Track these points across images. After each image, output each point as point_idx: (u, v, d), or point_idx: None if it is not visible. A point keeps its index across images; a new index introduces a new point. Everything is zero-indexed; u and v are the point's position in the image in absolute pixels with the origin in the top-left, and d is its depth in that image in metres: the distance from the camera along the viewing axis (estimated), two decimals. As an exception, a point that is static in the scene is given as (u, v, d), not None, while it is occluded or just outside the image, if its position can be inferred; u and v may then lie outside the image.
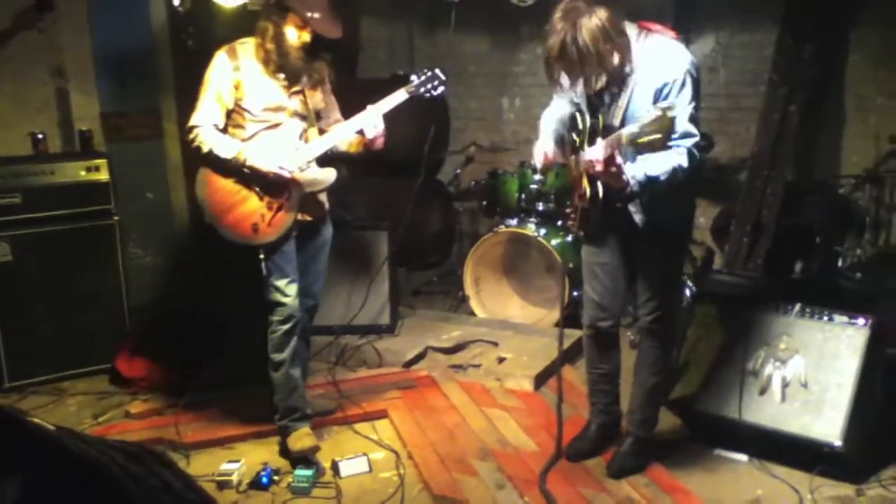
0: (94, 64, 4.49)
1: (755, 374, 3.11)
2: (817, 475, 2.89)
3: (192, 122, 2.94)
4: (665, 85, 2.54)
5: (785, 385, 3.03)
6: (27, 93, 4.18)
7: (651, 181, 2.53)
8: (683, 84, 2.54)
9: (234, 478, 2.94)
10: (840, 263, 4.11)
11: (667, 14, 4.71)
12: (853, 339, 2.98)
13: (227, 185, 2.96)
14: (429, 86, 3.06)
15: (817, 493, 2.82)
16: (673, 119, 2.26)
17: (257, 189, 2.95)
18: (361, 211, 4.81)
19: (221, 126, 2.95)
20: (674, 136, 2.37)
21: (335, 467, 3.04)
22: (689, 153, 2.54)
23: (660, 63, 2.56)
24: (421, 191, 5.25)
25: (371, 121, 2.98)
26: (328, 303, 4.09)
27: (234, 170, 2.93)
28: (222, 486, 2.94)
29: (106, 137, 4.51)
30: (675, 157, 2.52)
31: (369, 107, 3.01)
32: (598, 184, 2.70)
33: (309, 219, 3.09)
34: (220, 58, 2.96)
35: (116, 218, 4.01)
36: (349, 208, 4.79)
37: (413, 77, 3.07)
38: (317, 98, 3.10)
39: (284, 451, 3.13)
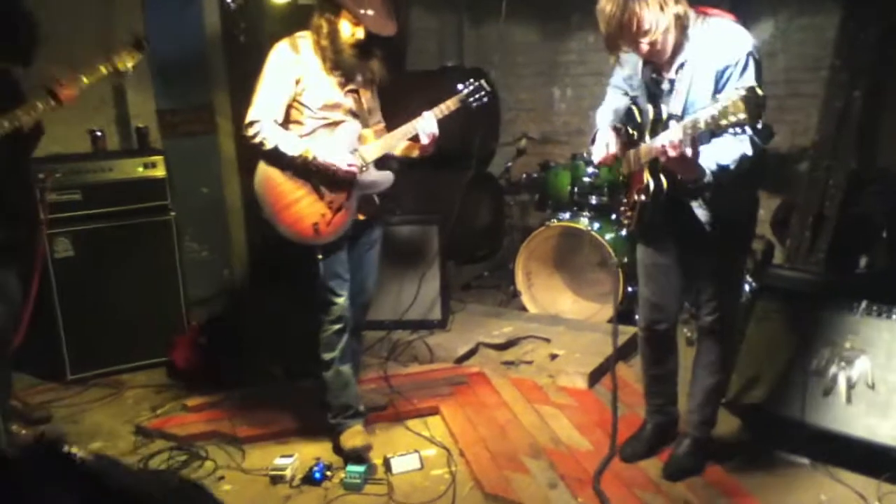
0: (149, 61, 4.55)
1: (819, 373, 3.00)
2: (885, 481, 2.77)
3: (251, 117, 2.87)
4: (727, 68, 2.42)
5: (850, 386, 2.92)
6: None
7: (722, 170, 2.41)
8: (746, 67, 2.41)
9: (288, 472, 2.97)
10: (908, 257, 3.95)
11: (723, -2, 4.58)
12: (924, 338, 2.86)
13: (287, 181, 2.93)
14: (476, 96, 3.07)
15: (885, 501, 2.71)
16: (763, 98, 2.11)
17: (320, 188, 2.93)
18: (411, 205, 4.80)
19: (280, 121, 2.90)
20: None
21: (387, 464, 3.04)
22: (752, 141, 2.42)
23: (720, 46, 2.45)
24: (471, 184, 5.23)
25: (427, 127, 2.97)
26: (379, 297, 4.08)
27: (296, 166, 2.90)
28: (276, 480, 2.96)
29: (161, 134, 4.59)
30: (740, 146, 2.41)
31: (425, 113, 2.99)
32: (662, 176, 2.58)
33: (363, 218, 3.08)
34: (282, 50, 2.91)
35: (173, 213, 4.08)
36: (399, 202, 4.79)
37: (460, 86, 3.07)
38: (368, 97, 3.08)
39: (337, 449, 3.14)
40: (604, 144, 2.80)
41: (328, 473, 2.98)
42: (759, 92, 2.10)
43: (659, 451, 3.04)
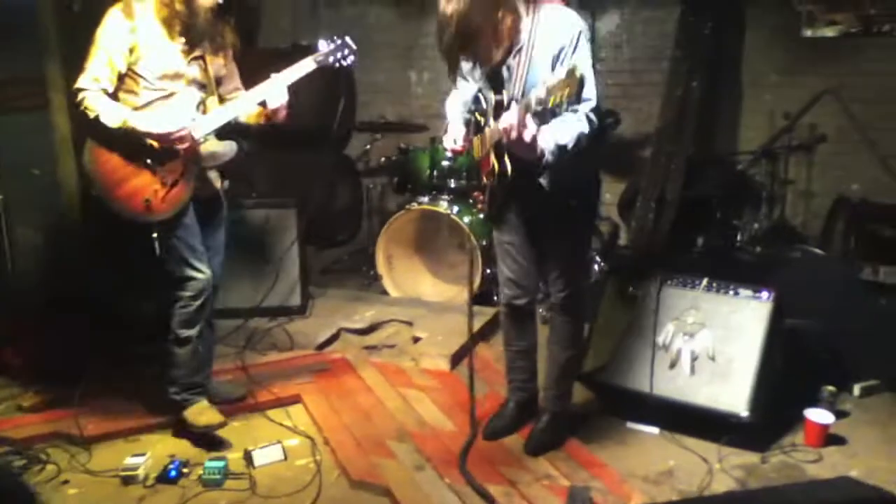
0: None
1: (665, 347, 3.20)
2: (724, 444, 3.00)
3: (78, 85, 2.74)
4: (561, 49, 2.54)
5: (693, 358, 3.13)
6: None
7: (560, 150, 2.50)
8: (577, 46, 2.54)
9: (140, 472, 2.80)
10: (739, 237, 4.27)
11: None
12: (757, 311, 3.10)
13: (116, 156, 2.79)
14: (338, 55, 2.93)
15: (725, 462, 2.93)
16: (582, 76, 2.21)
17: (150, 161, 2.79)
18: (266, 187, 4.64)
19: (111, 91, 2.76)
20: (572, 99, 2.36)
21: (248, 457, 2.93)
22: (588, 118, 2.54)
23: (552, 29, 2.57)
24: (329, 166, 5.13)
25: (275, 91, 2.86)
26: (235, 285, 3.94)
27: (123, 139, 2.75)
28: (127, 480, 2.78)
29: (-16, 109, 4.17)
30: (577, 125, 2.52)
31: (273, 75, 2.88)
32: (506, 159, 2.65)
33: (204, 195, 2.96)
34: (114, 16, 2.75)
35: (-1, 197, 3.72)
36: (253, 185, 4.62)
37: (321, 44, 2.93)
38: (218, 64, 2.95)
39: (184, 429, 3.00)
40: (451, 140, 2.89)
41: (185, 471, 2.84)
42: (578, 73, 2.19)
43: (521, 428, 3.13)
